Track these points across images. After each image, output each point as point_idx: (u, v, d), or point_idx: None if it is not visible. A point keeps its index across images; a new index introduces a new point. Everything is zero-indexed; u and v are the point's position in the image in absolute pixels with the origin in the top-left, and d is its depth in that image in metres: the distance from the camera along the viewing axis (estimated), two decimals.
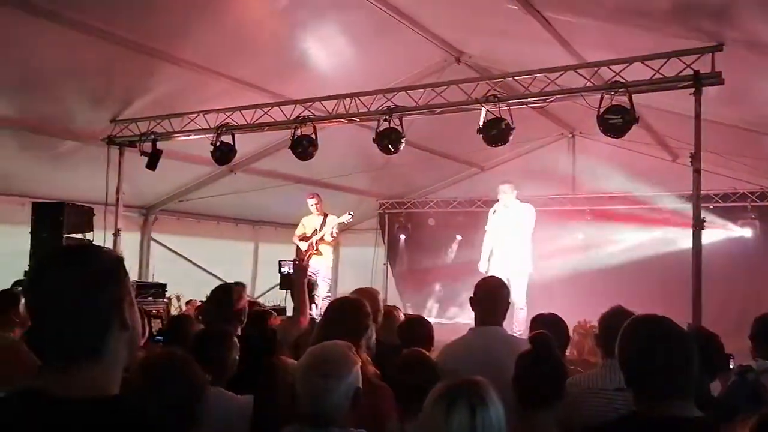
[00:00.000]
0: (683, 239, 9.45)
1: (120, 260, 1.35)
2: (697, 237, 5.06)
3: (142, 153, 7.49)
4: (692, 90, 5.01)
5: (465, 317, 7.16)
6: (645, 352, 2.07)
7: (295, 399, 2.03)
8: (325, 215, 8.95)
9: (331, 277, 9.09)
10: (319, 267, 8.90)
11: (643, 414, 1.98)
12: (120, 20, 5.65)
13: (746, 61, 5.29)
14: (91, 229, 7.53)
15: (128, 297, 1.32)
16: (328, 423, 1.96)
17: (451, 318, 10.45)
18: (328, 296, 8.83)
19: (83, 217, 7.54)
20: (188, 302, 8.42)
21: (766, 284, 8.67)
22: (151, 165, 7.51)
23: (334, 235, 9.03)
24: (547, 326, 3.73)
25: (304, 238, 8.99)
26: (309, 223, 9.02)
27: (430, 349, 3.65)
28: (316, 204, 8.93)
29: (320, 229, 8.86)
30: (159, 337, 3.57)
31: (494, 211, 7.91)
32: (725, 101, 6.10)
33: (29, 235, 7.27)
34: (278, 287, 9.33)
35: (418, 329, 3.85)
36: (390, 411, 2.59)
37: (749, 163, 8.24)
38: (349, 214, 8.93)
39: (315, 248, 8.90)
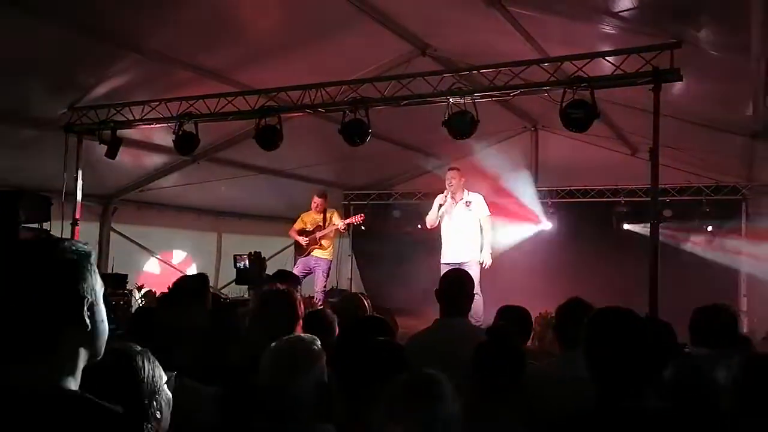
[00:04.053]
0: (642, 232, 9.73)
1: (83, 255, 1.31)
2: (654, 230, 5.20)
3: (102, 141, 7.34)
4: (651, 86, 5.14)
5: (430, 308, 7.19)
6: (610, 343, 2.12)
7: (261, 392, 2.03)
8: (325, 210, 9.04)
9: (328, 270, 9.10)
10: (321, 261, 8.96)
11: (610, 405, 2.03)
12: (80, 5, 5.50)
13: (704, 58, 5.43)
14: (48, 219, 7.34)
15: (89, 293, 1.28)
16: (293, 417, 1.97)
17: (416, 309, 10.49)
18: (325, 290, 8.90)
19: (40, 206, 7.34)
20: (147, 293, 8.32)
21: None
22: (111, 154, 7.36)
23: (341, 231, 9.18)
24: (513, 317, 3.79)
25: (303, 233, 9.00)
26: (309, 219, 9.06)
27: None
28: (321, 204, 8.99)
29: (324, 225, 8.93)
30: (119, 332, 3.52)
31: (444, 202, 7.63)
32: (684, 97, 6.25)
33: None
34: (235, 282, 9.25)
35: (382, 321, 3.87)
36: None
37: (705, 157, 8.46)
38: (361, 215, 9.35)
39: (318, 243, 8.95)
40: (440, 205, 7.66)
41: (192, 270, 10.31)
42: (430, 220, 7.73)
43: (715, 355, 3.06)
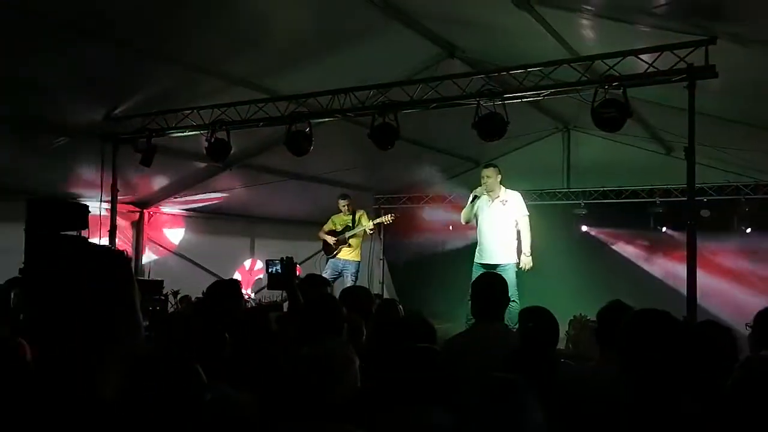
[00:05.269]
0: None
1: (123, 263, 1.32)
2: (691, 231, 5.08)
3: (137, 149, 7.48)
4: (686, 83, 5.03)
5: (462, 312, 7.16)
6: (645, 344, 2.08)
7: (294, 395, 2.04)
8: (354, 212, 9.25)
9: (357, 273, 9.24)
10: (349, 264, 9.13)
11: (649, 407, 1.99)
12: (114, 19, 5.62)
13: (740, 53, 5.30)
14: (86, 226, 7.49)
15: (137, 296, 1.28)
16: (327, 419, 1.97)
17: (448, 313, 10.44)
18: None
19: (78, 213, 7.49)
20: (183, 298, 8.40)
21: None
22: (146, 161, 7.51)
23: (368, 232, 9.29)
24: (535, 318, 3.72)
25: (332, 234, 9.22)
26: (339, 220, 9.26)
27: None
28: (347, 205, 9.22)
29: (353, 226, 9.13)
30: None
31: (475, 197, 7.33)
32: (720, 94, 6.11)
33: (23, 232, 7.22)
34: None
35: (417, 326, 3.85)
36: None
37: (743, 156, 8.26)
38: (391, 215, 9.47)
39: (346, 243, 9.12)
40: (475, 197, 7.32)
41: (225, 275, 10.42)
42: (465, 215, 7.44)
43: None
